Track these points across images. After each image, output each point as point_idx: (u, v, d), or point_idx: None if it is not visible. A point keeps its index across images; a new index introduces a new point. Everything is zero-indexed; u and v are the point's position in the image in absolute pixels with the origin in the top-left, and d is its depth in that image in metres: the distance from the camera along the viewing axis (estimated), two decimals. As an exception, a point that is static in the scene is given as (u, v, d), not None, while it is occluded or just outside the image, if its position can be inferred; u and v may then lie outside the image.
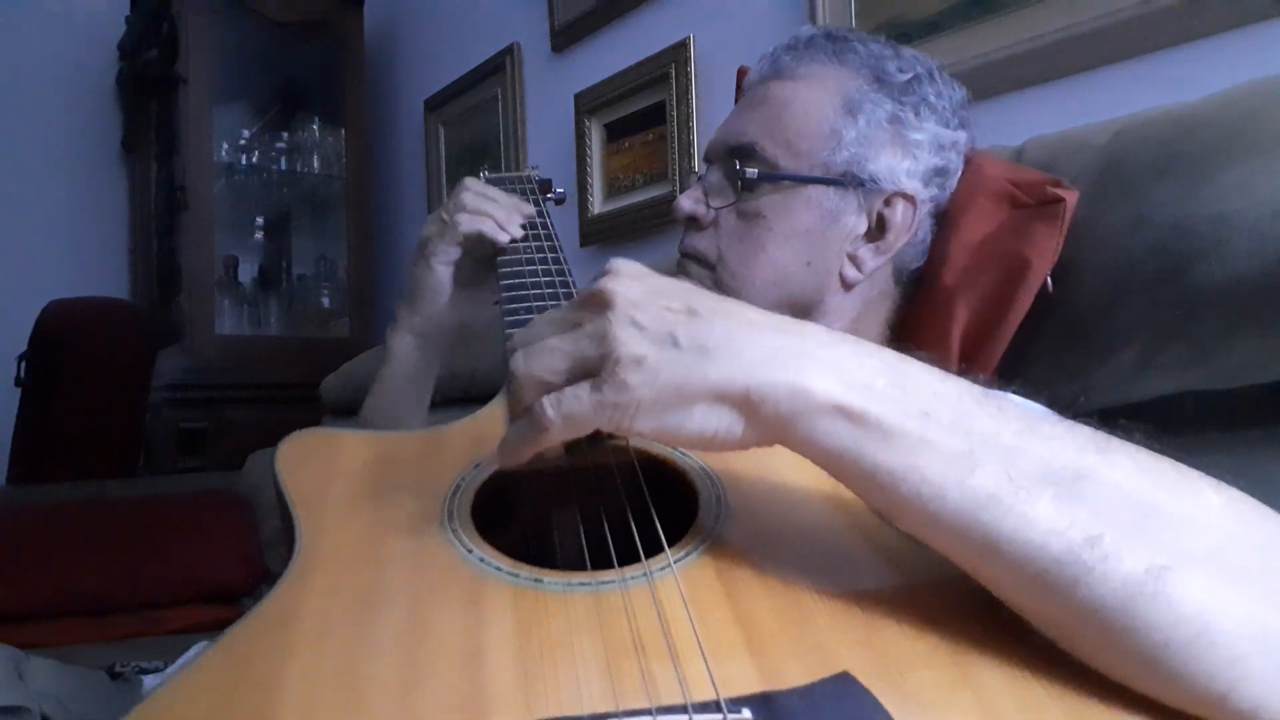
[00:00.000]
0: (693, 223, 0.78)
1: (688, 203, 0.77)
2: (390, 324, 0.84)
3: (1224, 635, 0.33)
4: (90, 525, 1.66)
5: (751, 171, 0.73)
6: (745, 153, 0.75)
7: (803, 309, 0.75)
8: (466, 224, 0.77)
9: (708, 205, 0.77)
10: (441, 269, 0.79)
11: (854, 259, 0.75)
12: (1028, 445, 0.37)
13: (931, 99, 0.75)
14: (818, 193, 0.73)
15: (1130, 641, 0.34)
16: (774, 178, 0.73)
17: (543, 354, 0.41)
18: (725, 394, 0.38)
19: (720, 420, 0.39)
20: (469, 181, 0.81)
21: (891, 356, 0.40)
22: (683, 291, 0.41)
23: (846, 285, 0.76)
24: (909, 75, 0.75)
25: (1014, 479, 0.36)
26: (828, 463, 0.39)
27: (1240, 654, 0.33)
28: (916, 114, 0.74)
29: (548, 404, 0.40)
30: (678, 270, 0.77)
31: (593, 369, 0.40)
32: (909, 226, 0.75)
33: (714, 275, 0.75)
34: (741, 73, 1.05)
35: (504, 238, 0.77)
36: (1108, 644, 0.35)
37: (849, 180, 0.73)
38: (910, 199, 0.74)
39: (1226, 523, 0.37)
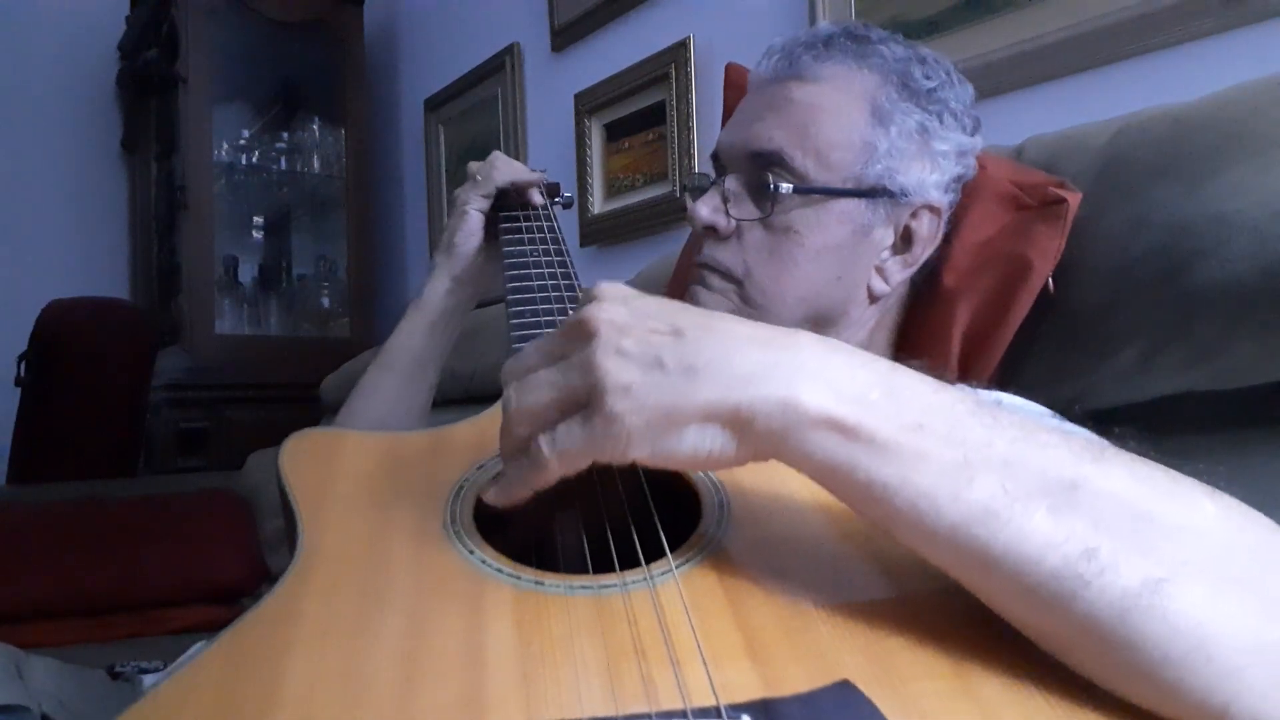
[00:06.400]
0: (711, 232, 0.73)
1: (706, 211, 0.73)
2: (429, 275, 0.88)
3: (1221, 648, 0.33)
4: (90, 525, 1.66)
5: (786, 186, 0.69)
6: (770, 161, 0.71)
7: (827, 322, 0.73)
8: (498, 176, 0.84)
9: (728, 215, 0.72)
10: (474, 214, 0.84)
11: (881, 272, 0.73)
12: (1023, 455, 0.37)
13: (953, 105, 0.73)
14: (850, 206, 0.71)
15: (1127, 656, 0.34)
16: (808, 191, 0.70)
17: (533, 389, 0.41)
18: (715, 414, 0.38)
19: (713, 440, 0.38)
20: (496, 155, 0.88)
21: (885, 367, 0.40)
22: (668, 311, 0.41)
23: (873, 298, 0.74)
24: (935, 83, 0.72)
25: (1009, 491, 0.36)
26: (822, 477, 0.39)
27: (1238, 666, 0.33)
28: (941, 122, 0.72)
29: (544, 443, 0.40)
30: (694, 281, 0.74)
31: (582, 400, 0.39)
32: (934, 237, 0.73)
33: (740, 290, 0.72)
34: (730, 69, 1.04)
35: (534, 196, 0.85)
36: (1105, 658, 0.35)
37: (880, 193, 0.71)
38: (935, 210, 0.73)
39: (1222, 531, 0.36)
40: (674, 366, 0.38)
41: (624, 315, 0.40)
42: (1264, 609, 0.34)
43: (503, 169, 0.85)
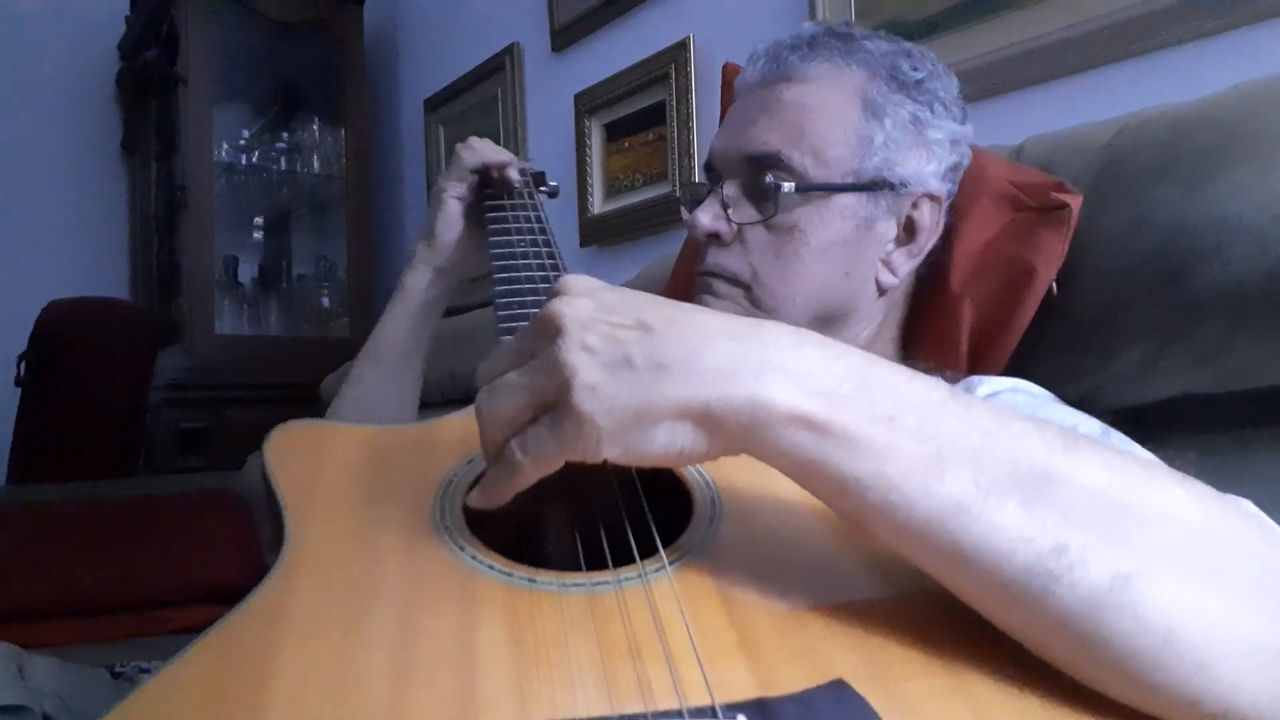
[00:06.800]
0: (713, 239, 0.73)
1: (706, 218, 0.72)
2: (407, 263, 0.88)
3: (1191, 642, 0.33)
4: (90, 525, 1.66)
5: (789, 185, 0.69)
6: (768, 163, 0.70)
7: (836, 318, 0.73)
8: (470, 158, 0.85)
9: (729, 220, 0.72)
10: (453, 203, 0.85)
11: (888, 264, 0.73)
12: (995, 446, 0.36)
13: (942, 94, 0.73)
14: (851, 201, 0.71)
15: (1099, 650, 0.34)
16: (810, 189, 0.70)
17: (502, 392, 0.40)
18: (686, 411, 0.37)
19: (684, 437, 0.38)
20: (473, 138, 0.88)
21: (857, 358, 0.39)
22: (635, 305, 0.40)
23: (881, 291, 0.74)
24: (923, 74, 0.73)
25: (981, 485, 0.35)
26: (794, 472, 0.38)
27: (1207, 658, 0.33)
28: (933, 112, 0.72)
29: (516, 448, 0.40)
30: (701, 290, 0.74)
31: (550, 401, 0.39)
32: (936, 226, 0.74)
33: (749, 294, 0.72)
34: (728, 69, 1.04)
35: (512, 173, 0.84)
36: (1080, 653, 0.35)
37: (880, 185, 0.71)
38: (935, 199, 0.73)
39: (1193, 520, 0.36)
40: (642, 363, 0.37)
41: (589, 309, 0.39)
42: (1232, 598, 0.34)
43: (476, 151, 0.85)
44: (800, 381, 0.37)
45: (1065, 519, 0.35)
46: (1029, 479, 0.36)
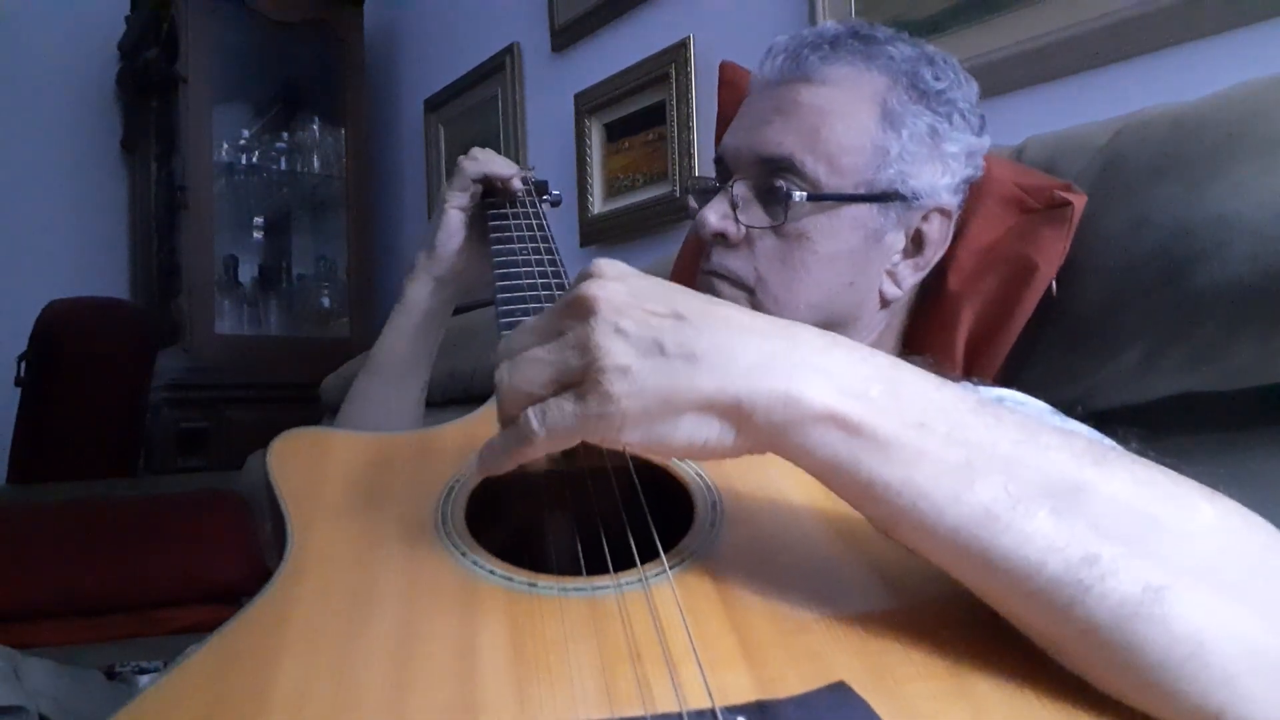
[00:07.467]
0: (719, 238, 0.72)
1: (714, 218, 0.71)
2: (409, 274, 0.87)
3: (1218, 656, 0.33)
4: (90, 525, 1.66)
5: (799, 194, 0.68)
6: (781, 167, 0.69)
7: (838, 327, 0.71)
8: (472, 169, 0.84)
9: (737, 221, 0.71)
10: (455, 213, 0.84)
11: (893, 276, 0.73)
12: (1025, 456, 0.36)
13: (961, 105, 0.72)
14: (862, 211, 0.70)
15: (1125, 660, 0.34)
16: (822, 198, 0.69)
17: (526, 365, 0.39)
18: (715, 403, 0.37)
19: (710, 430, 0.37)
20: (475, 148, 0.88)
21: (885, 362, 0.39)
22: (668, 293, 0.39)
23: (885, 302, 0.74)
24: (945, 84, 0.71)
25: (1011, 494, 0.35)
26: (821, 473, 0.38)
27: (1234, 673, 0.33)
28: (950, 123, 0.71)
29: (533, 416, 0.39)
30: (701, 287, 0.72)
31: (577, 379, 0.38)
32: (945, 240, 0.73)
33: (752, 298, 0.71)
34: (725, 67, 1.03)
35: (516, 184, 0.84)
36: (1103, 661, 0.35)
37: (892, 197, 0.70)
38: (946, 213, 0.72)
39: (1221, 536, 0.36)
40: (674, 351, 0.37)
41: (623, 294, 0.39)
42: (1260, 616, 0.34)
43: (480, 162, 0.84)
44: (832, 381, 0.37)
45: (1096, 531, 0.35)
46: (1060, 489, 0.35)
